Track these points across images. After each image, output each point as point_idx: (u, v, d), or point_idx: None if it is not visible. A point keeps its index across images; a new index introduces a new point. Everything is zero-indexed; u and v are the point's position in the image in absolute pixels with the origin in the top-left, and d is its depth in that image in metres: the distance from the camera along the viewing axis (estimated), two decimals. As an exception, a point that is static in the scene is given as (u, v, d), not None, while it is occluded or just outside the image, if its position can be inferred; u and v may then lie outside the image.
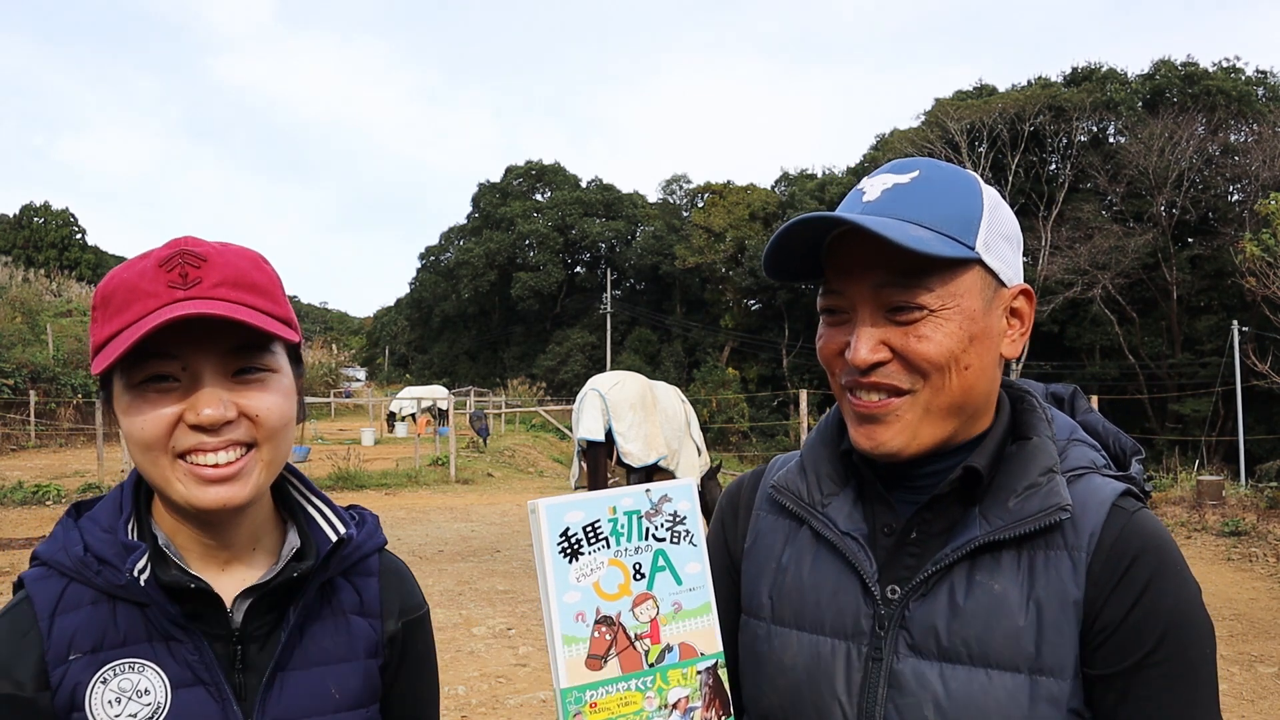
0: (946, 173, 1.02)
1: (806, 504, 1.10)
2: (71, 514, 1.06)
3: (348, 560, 1.12)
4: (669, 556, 0.98)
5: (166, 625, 1.00)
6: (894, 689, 0.98)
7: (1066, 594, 0.95)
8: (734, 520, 1.21)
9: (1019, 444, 1.03)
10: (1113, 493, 0.99)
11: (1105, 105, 39.54)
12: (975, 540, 0.98)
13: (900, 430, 1.00)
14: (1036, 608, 0.95)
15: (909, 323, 0.97)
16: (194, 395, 0.97)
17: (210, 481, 0.97)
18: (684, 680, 0.96)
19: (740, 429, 34.25)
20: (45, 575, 1.01)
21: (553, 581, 0.92)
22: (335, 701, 1.07)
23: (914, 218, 0.97)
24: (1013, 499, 0.98)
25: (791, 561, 1.10)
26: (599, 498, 0.96)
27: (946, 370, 0.97)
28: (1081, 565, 0.96)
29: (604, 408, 8.78)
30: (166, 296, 0.96)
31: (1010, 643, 0.95)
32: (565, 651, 0.91)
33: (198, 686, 1.00)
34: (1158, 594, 0.94)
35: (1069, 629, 0.95)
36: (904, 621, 1.00)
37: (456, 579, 8.74)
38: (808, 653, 1.04)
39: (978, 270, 0.98)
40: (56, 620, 0.98)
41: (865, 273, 0.99)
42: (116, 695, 0.97)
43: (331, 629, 1.10)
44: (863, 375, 1.00)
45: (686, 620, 0.98)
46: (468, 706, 5.24)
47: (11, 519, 12.13)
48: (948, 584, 0.99)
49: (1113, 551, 0.96)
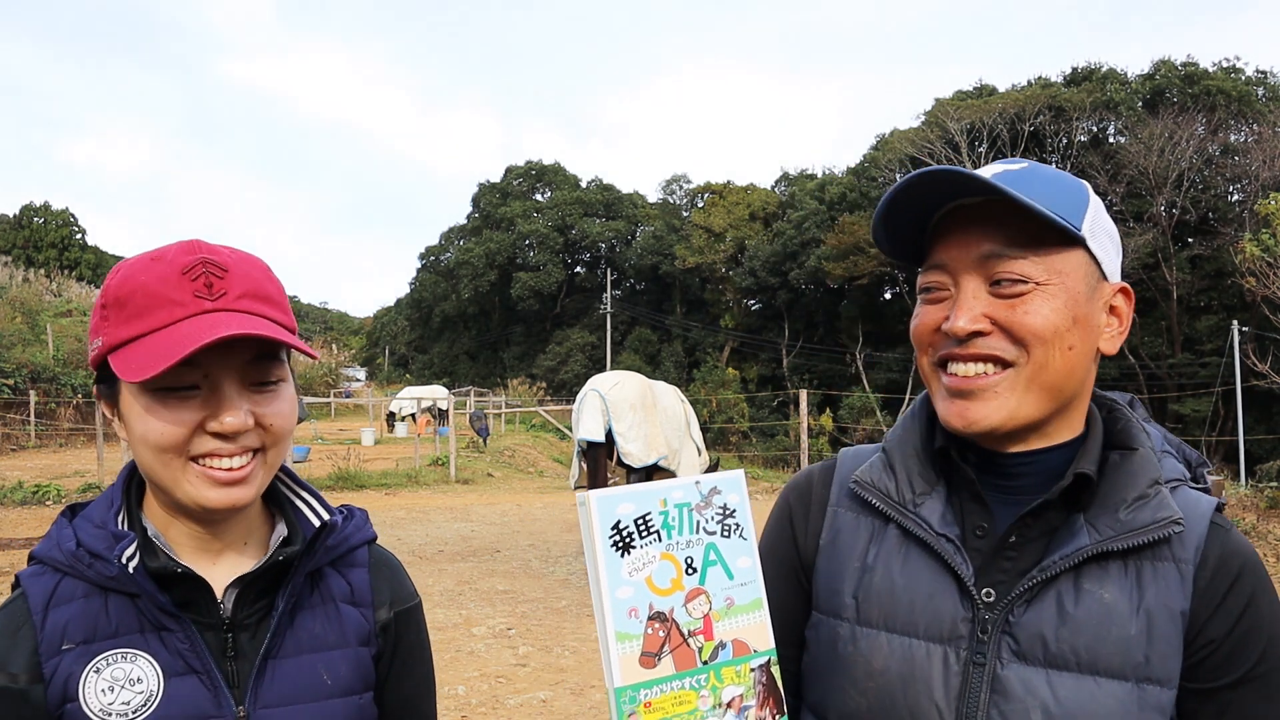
0: (1055, 170, 1.04)
1: (896, 502, 1.07)
2: (66, 514, 1.08)
3: (335, 551, 1.14)
4: (720, 550, 0.96)
5: (158, 615, 1.02)
6: (998, 695, 0.97)
7: (1174, 605, 0.96)
8: (804, 516, 1.17)
9: (1123, 454, 1.03)
10: (1209, 507, 1.01)
11: (1105, 105, 39.54)
12: (1085, 550, 0.97)
13: (999, 407, 0.99)
14: (1147, 617, 0.96)
15: (1014, 295, 0.97)
16: (216, 404, 0.99)
17: (221, 484, 1.00)
18: (738, 678, 0.94)
19: (740, 429, 34.25)
20: (40, 572, 1.04)
21: (605, 576, 0.89)
22: (327, 688, 1.08)
23: (1027, 194, 0.97)
24: (1123, 510, 0.98)
25: (879, 561, 1.07)
26: (650, 490, 0.94)
27: (1051, 345, 0.97)
28: (1189, 578, 0.97)
29: (604, 408, 8.78)
30: (194, 306, 0.98)
31: (1121, 651, 0.95)
32: (618, 649, 0.88)
33: (190, 675, 1.02)
34: (1258, 612, 0.97)
35: (1176, 640, 0.96)
36: (1008, 627, 0.99)
37: (456, 579, 8.73)
38: (899, 656, 1.02)
39: (1083, 254, 0.99)
40: (50, 613, 1.00)
41: (973, 243, 0.99)
42: (109, 684, 0.99)
43: (322, 617, 1.12)
44: (960, 345, 0.99)
45: (739, 616, 0.96)
46: (468, 706, 5.24)
47: (11, 519, 12.12)
48: (1055, 591, 0.98)
49: (1217, 568, 0.97)
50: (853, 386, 41.42)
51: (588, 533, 0.90)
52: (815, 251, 43.66)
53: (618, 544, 0.90)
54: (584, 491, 0.92)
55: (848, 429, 32.90)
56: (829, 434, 30.17)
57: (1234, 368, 24.48)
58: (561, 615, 7.40)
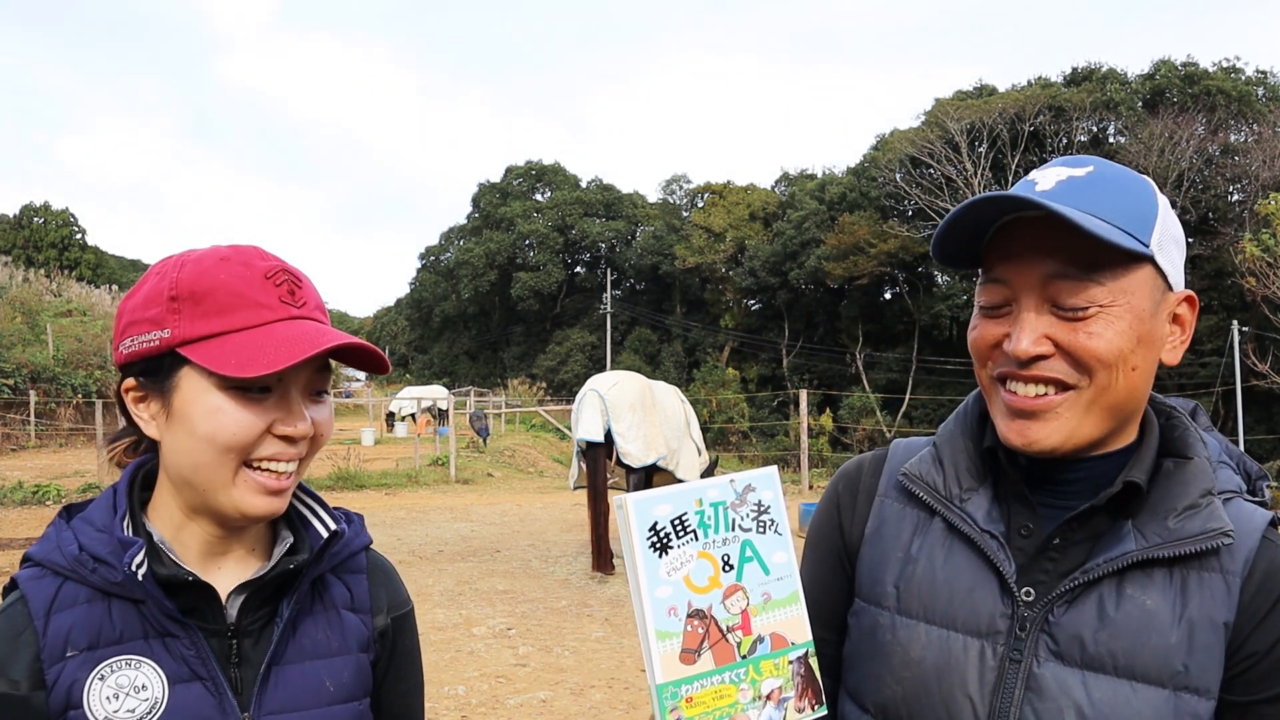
0: (1120, 170, 1.00)
1: (943, 496, 1.08)
2: (63, 516, 1.07)
3: (338, 557, 1.14)
4: (755, 546, 0.98)
5: (163, 621, 1.01)
6: (1032, 692, 0.98)
7: (1218, 616, 0.95)
8: (852, 504, 1.18)
9: (1177, 463, 1.02)
10: (1263, 521, 1.00)
11: (1105, 105, 39.54)
12: (1131, 556, 0.97)
13: (1058, 428, 0.98)
14: (1189, 626, 0.95)
15: (1078, 318, 0.95)
16: (286, 408, 1.02)
17: (270, 492, 1.02)
18: (776, 671, 0.96)
19: (740, 429, 34.23)
20: (39, 575, 1.01)
21: (644, 576, 0.91)
22: (330, 694, 1.09)
23: (1092, 209, 0.94)
24: (1172, 518, 0.98)
25: (922, 553, 1.08)
26: (686, 490, 0.96)
27: (1115, 369, 0.95)
28: (1235, 590, 0.96)
29: (603, 408, 8.78)
30: (282, 311, 1.02)
31: (1159, 658, 0.95)
32: (659, 647, 0.90)
33: (194, 682, 1.01)
34: None
35: (1218, 651, 0.95)
36: (1047, 626, 0.99)
37: (456, 579, 8.73)
38: (937, 647, 1.03)
39: (1149, 269, 0.96)
40: (52, 618, 0.98)
41: (1036, 262, 0.96)
42: (114, 691, 0.98)
43: (324, 624, 1.12)
44: (1022, 368, 0.98)
45: (776, 610, 0.97)
46: (468, 706, 5.24)
47: (11, 519, 12.13)
48: (1096, 594, 0.98)
49: (1265, 581, 0.96)
50: (853, 386, 41.41)
51: (626, 535, 0.93)
52: (815, 251, 43.65)
53: (655, 545, 0.92)
54: (622, 495, 0.94)
55: (848, 429, 32.89)
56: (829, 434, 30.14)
57: (1234, 368, 24.46)
58: (561, 615, 7.40)
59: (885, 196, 42.33)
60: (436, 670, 5.85)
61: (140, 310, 1.02)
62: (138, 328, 1.02)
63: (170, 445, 1.02)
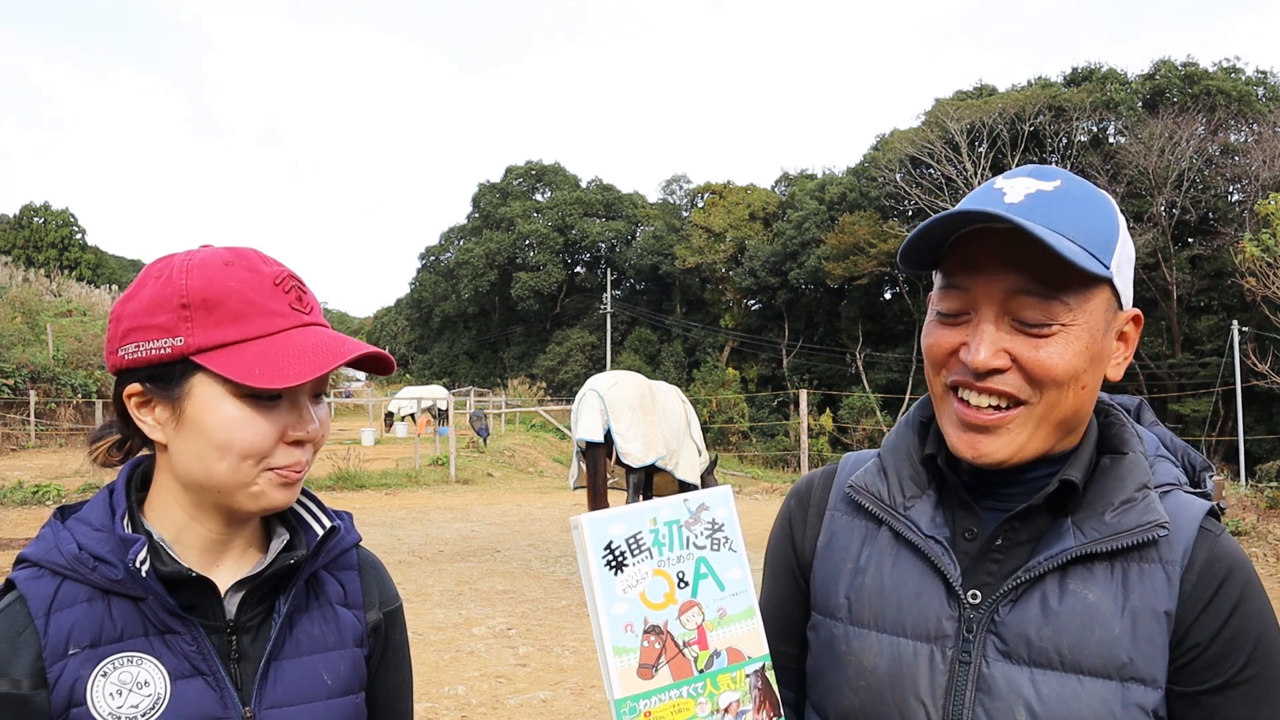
0: (1085, 187, 1.01)
1: (888, 505, 1.09)
2: (57, 516, 1.07)
3: (331, 554, 1.16)
4: (710, 563, 1.00)
5: (163, 617, 1.02)
6: (983, 693, 0.99)
7: (1159, 607, 0.97)
8: (804, 520, 1.20)
9: (1113, 458, 1.04)
10: (1201, 511, 1.01)
11: (1105, 105, 39.54)
12: (1070, 551, 0.98)
13: (1009, 443, 0.99)
14: (1131, 618, 0.96)
15: (1040, 335, 0.96)
16: (297, 413, 1.04)
17: (288, 485, 1.05)
18: (733, 684, 0.98)
19: (740, 429, 34.25)
20: (37, 575, 1.01)
21: (600, 594, 0.93)
22: (328, 688, 1.11)
23: (1061, 228, 0.95)
24: (1109, 513, 0.99)
25: (871, 563, 1.09)
26: (640, 509, 0.98)
27: (1066, 387, 0.97)
28: (1175, 580, 0.97)
29: (603, 408, 8.78)
30: (294, 318, 1.04)
31: (1104, 651, 0.96)
32: (617, 662, 0.92)
33: (196, 677, 1.02)
34: (1245, 616, 0.97)
35: (1161, 640, 0.96)
36: (994, 626, 1.00)
37: (456, 579, 8.73)
38: (889, 655, 1.04)
39: (1107, 290, 0.98)
40: (53, 617, 0.99)
41: (1000, 275, 0.96)
42: (118, 688, 0.99)
43: (319, 619, 1.13)
44: (977, 379, 0.99)
45: (732, 625, 0.99)
46: (468, 706, 5.24)
47: (11, 519, 12.13)
48: (1040, 591, 0.99)
49: (1204, 571, 0.97)
50: (853, 386, 41.43)
51: (582, 554, 0.95)
52: (815, 251, 43.67)
53: (611, 563, 0.95)
54: (576, 516, 0.96)
55: (848, 429, 32.90)
56: (829, 434, 30.16)
57: (1234, 368, 24.47)
58: (561, 615, 7.40)
59: (885, 197, 42.33)
60: (436, 670, 5.85)
61: (145, 316, 1.02)
62: (144, 334, 1.01)
63: (182, 451, 1.03)
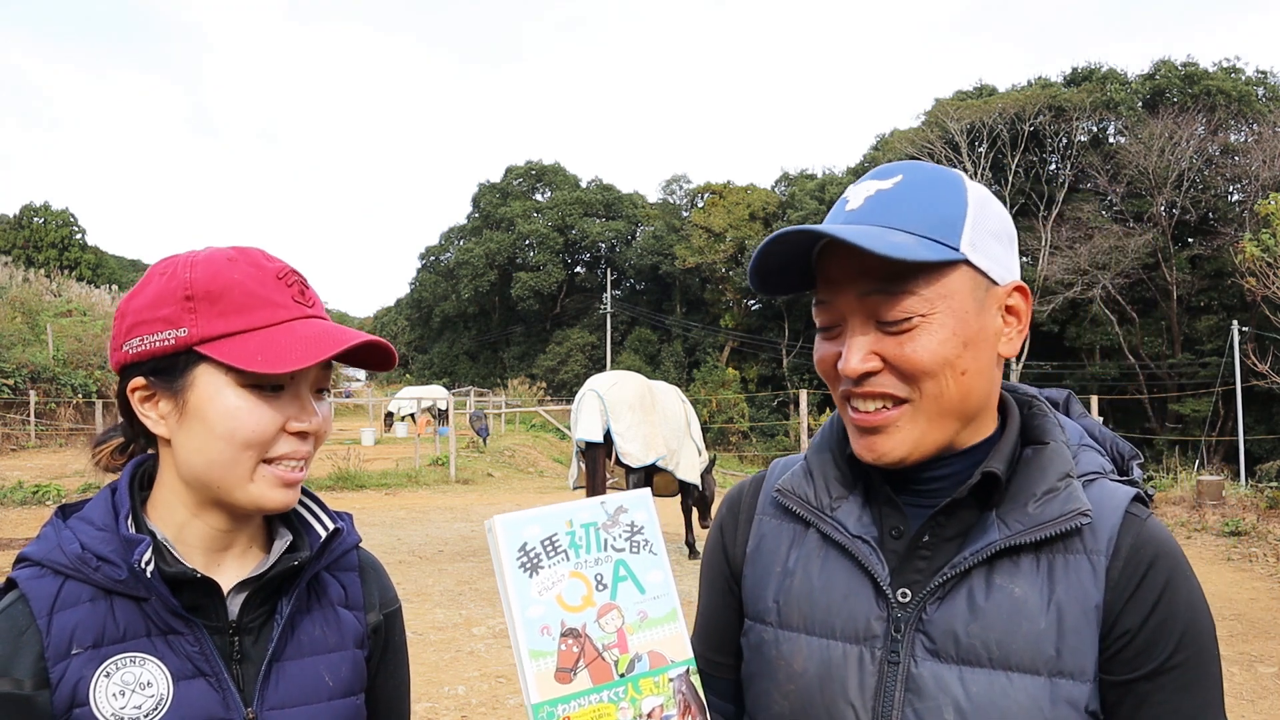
0: (930, 175, 1.01)
1: (814, 507, 1.09)
2: (59, 515, 1.07)
3: (333, 555, 1.16)
4: (629, 566, 0.98)
5: (166, 618, 1.02)
6: (912, 693, 0.98)
7: (1088, 597, 0.96)
8: (734, 526, 1.20)
9: (1035, 449, 1.03)
10: (1125, 497, 1.00)
11: (1105, 105, 39.55)
12: (995, 544, 0.97)
13: (902, 440, 0.99)
14: (1058, 611, 0.95)
15: (900, 331, 0.96)
16: (299, 405, 1.05)
17: (287, 485, 1.05)
18: (656, 689, 0.96)
19: (740, 429, 34.24)
20: (39, 574, 1.01)
21: (514, 597, 0.92)
22: (329, 689, 1.11)
23: (895, 223, 0.96)
24: (1032, 503, 0.98)
25: (799, 565, 1.08)
26: (555, 511, 0.97)
27: (941, 376, 0.96)
28: (1101, 569, 0.96)
29: (602, 408, 8.78)
30: (296, 310, 1.04)
31: (1031, 645, 0.95)
32: (533, 666, 0.91)
33: (199, 678, 1.02)
34: (1173, 600, 0.95)
35: (1089, 632, 0.95)
36: (921, 625, 0.99)
37: (456, 579, 8.73)
38: (818, 658, 1.03)
39: (966, 271, 0.97)
40: (55, 617, 0.98)
41: (851, 282, 0.98)
42: (120, 688, 0.98)
43: (321, 621, 1.14)
44: (857, 385, 0.99)
45: (654, 628, 0.97)
46: (468, 706, 5.24)
47: (11, 519, 12.13)
48: (966, 587, 0.98)
49: (1130, 557, 0.96)
50: (853, 386, 41.32)
51: (496, 556, 0.94)
52: (815, 251, 43.57)
53: (525, 565, 0.94)
54: (491, 518, 0.95)
55: (848, 429, 32.85)
56: (829, 434, 30.04)
57: (1234, 368, 24.48)
58: (561, 615, 7.39)
59: (885, 196, 42.23)
60: (436, 670, 5.85)
61: (149, 310, 1.02)
62: (148, 327, 1.02)
63: (184, 443, 1.03)
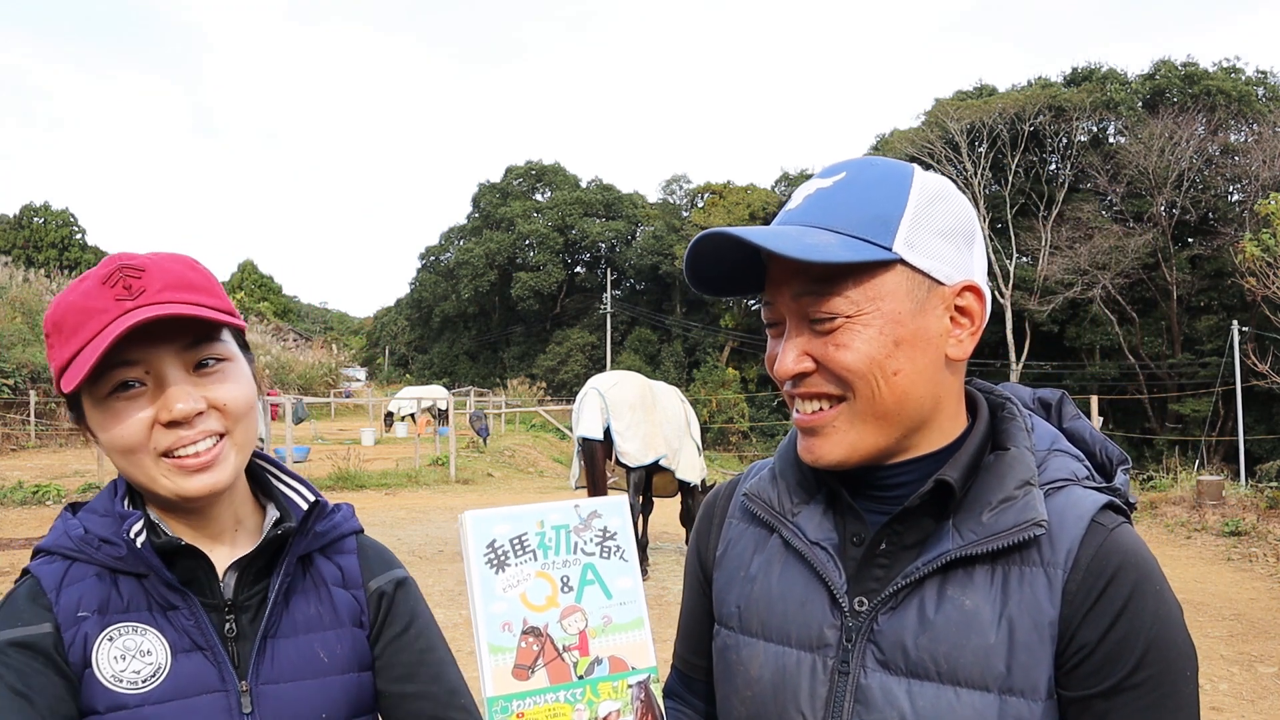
0: (876, 171, 0.98)
1: (777, 512, 1.08)
2: (68, 510, 1.14)
3: (326, 537, 1.19)
4: (598, 571, 0.99)
5: (165, 594, 1.07)
6: (860, 704, 0.96)
7: (1041, 612, 0.91)
8: (708, 529, 1.20)
9: (996, 455, 1.00)
10: (1093, 506, 0.95)
11: (1105, 105, 39.54)
12: (947, 554, 0.95)
13: (838, 442, 0.98)
14: (1009, 626, 0.92)
15: (827, 331, 0.95)
16: (163, 395, 1.03)
17: (193, 471, 1.05)
18: (614, 694, 0.96)
19: (740, 429, 34.26)
20: (49, 560, 1.08)
21: (479, 591, 0.93)
22: (325, 665, 1.13)
23: (826, 222, 0.95)
24: (987, 513, 0.95)
25: (760, 570, 1.08)
26: (527, 511, 0.98)
27: (870, 378, 0.94)
28: (1058, 583, 0.92)
29: (603, 406, 8.78)
30: (116, 310, 1.02)
31: (980, 661, 0.92)
32: (491, 660, 0.91)
33: (195, 652, 1.07)
34: (1136, 614, 0.90)
35: (1042, 649, 0.91)
36: (872, 635, 0.97)
37: (456, 579, 8.73)
38: (774, 664, 1.02)
39: (901, 271, 0.94)
40: (63, 591, 1.04)
41: (787, 283, 0.97)
42: (121, 653, 1.03)
43: (315, 599, 1.17)
44: (795, 386, 0.99)
45: (617, 634, 0.98)
46: (467, 706, 5.24)
47: (11, 519, 12.12)
48: (918, 598, 0.96)
49: (1090, 569, 0.92)
50: (853, 386, 41.28)
51: (465, 550, 0.95)
52: (815, 251, 43.50)
53: (492, 561, 0.94)
54: (464, 512, 0.96)
55: (848, 429, 32.84)
56: (829, 434, 30.04)
57: (1234, 368, 24.47)
58: (561, 615, 7.39)
59: (885, 196, 42.22)
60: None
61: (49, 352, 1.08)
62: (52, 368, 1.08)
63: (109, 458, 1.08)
